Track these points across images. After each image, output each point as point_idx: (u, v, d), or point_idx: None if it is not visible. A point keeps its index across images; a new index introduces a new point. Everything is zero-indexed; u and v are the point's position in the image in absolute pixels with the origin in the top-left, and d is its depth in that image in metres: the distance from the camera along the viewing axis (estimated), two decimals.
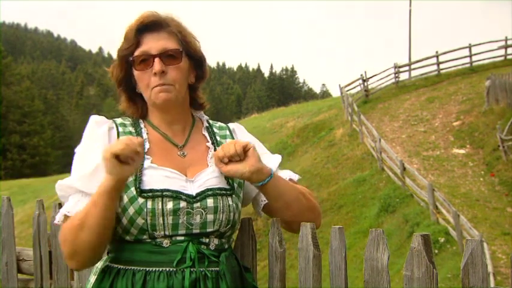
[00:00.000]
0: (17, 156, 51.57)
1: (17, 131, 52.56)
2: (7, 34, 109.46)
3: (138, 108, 1.72)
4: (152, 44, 1.63)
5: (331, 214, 16.89)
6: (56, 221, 1.63)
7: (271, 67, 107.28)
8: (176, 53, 1.65)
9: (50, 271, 2.60)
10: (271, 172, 1.65)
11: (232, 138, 1.79)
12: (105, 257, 1.66)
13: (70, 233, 1.54)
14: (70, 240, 1.54)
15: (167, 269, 1.55)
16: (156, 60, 1.62)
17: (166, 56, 1.63)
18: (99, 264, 1.64)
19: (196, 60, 1.72)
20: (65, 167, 53.57)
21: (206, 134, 1.77)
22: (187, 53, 1.68)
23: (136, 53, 1.64)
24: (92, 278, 1.64)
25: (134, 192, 1.57)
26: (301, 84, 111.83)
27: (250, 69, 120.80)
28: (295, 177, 1.80)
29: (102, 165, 1.54)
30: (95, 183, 1.55)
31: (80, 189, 1.58)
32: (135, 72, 1.66)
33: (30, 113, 54.66)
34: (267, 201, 1.73)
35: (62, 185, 1.61)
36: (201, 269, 1.56)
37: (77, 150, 1.66)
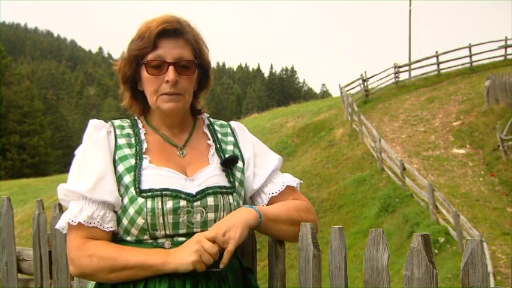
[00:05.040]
0: (17, 156, 51.54)
1: (17, 131, 52.53)
2: (7, 34, 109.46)
3: (139, 105, 1.72)
4: (168, 50, 1.61)
5: (331, 214, 16.89)
6: (57, 226, 1.61)
7: (271, 67, 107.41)
8: (190, 63, 1.64)
9: (50, 271, 2.60)
10: (260, 219, 1.60)
11: (234, 136, 1.79)
12: None
13: (93, 263, 1.52)
14: (92, 269, 1.52)
15: None
16: (171, 68, 1.61)
17: (181, 66, 1.62)
18: None
19: (204, 69, 1.72)
20: (64, 167, 53.60)
21: (207, 132, 1.77)
22: (199, 63, 1.68)
23: (151, 57, 1.61)
24: None
25: (134, 193, 1.57)
26: (301, 84, 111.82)
27: (250, 69, 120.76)
28: (295, 182, 1.77)
29: (107, 173, 1.56)
30: (100, 191, 1.55)
31: (85, 195, 1.56)
32: (145, 75, 1.64)
33: (30, 113, 54.64)
34: (264, 204, 1.73)
35: (65, 189, 1.59)
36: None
37: (77, 154, 1.64)
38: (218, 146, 1.74)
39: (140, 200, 1.56)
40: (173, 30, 1.62)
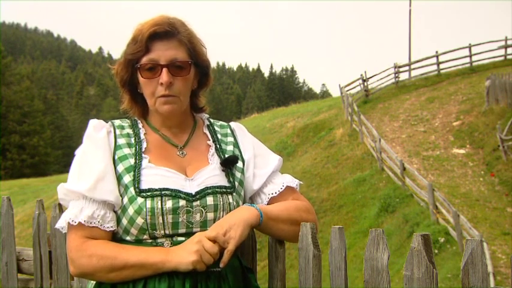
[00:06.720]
0: (16, 156, 51.53)
1: (17, 131, 52.52)
2: (7, 34, 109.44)
3: (139, 107, 1.72)
4: (161, 52, 1.61)
5: (331, 214, 16.89)
6: (57, 226, 1.61)
7: (271, 67, 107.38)
8: (185, 64, 1.63)
9: (50, 271, 2.60)
10: (261, 218, 1.60)
11: (233, 137, 1.79)
12: None
13: (93, 263, 1.52)
14: (92, 268, 1.52)
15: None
16: (164, 70, 1.60)
17: (175, 67, 1.62)
18: None
19: (202, 68, 1.72)
20: (64, 167, 53.59)
21: (207, 132, 1.77)
22: (195, 62, 1.67)
23: (144, 60, 1.61)
24: None
25: (133, 192, 1.57)
26: (301, 84, 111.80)
27: (250, 69, 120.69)
28: (295, 183, 1.76)
29: (107, 173, 1.56)
30: (100, 190, 1.55)
31: (85, 194, 1.56)
32: (141, 79, 1.64)
33: (30, 113, 54.63)
34: (264, 204, 1.72)
35: (65, 188, 1.59)
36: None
37: (77, 154, 1.64)
38: (218, 146, 1.74)
39: (140, 200, 1.56)
40: (164, 32, 1.61)
